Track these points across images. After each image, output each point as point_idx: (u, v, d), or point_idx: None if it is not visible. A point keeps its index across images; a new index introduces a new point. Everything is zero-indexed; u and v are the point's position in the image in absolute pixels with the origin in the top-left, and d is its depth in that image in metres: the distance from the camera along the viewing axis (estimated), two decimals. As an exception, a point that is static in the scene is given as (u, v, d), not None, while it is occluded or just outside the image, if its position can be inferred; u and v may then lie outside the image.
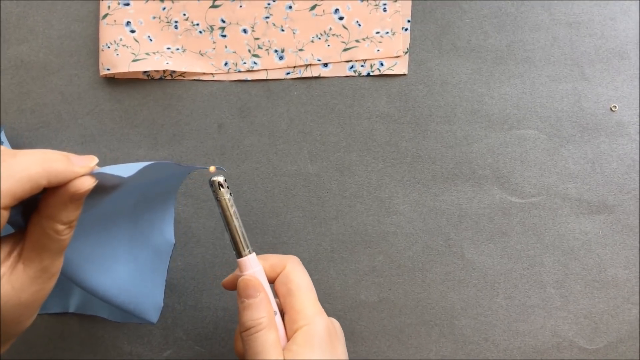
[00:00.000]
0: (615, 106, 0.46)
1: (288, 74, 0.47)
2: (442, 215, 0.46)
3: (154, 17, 0.47)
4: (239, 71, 0.47)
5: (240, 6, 0.47)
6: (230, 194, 0.34)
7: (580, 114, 0.46)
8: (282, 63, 0.47)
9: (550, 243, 0.45)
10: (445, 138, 0.46)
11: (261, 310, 0.33)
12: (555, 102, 0.46)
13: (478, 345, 0.45)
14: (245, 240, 0.35)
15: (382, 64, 0.46)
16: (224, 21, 0.47)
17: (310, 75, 0.47)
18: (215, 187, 0.34)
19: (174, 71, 0.47)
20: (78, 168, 0.29)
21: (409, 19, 0.47)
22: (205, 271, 0.46)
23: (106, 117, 0.47)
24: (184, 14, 0.47)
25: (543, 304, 0.45)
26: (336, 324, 0.37)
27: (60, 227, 0.28)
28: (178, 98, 0.47)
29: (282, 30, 0.47)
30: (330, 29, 0.46)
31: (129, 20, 0.47)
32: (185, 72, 0.47)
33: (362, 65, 0.47)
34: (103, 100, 0.47)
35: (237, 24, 0.47)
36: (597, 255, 0.45)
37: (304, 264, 0.46)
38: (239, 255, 0.35)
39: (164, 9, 0.47)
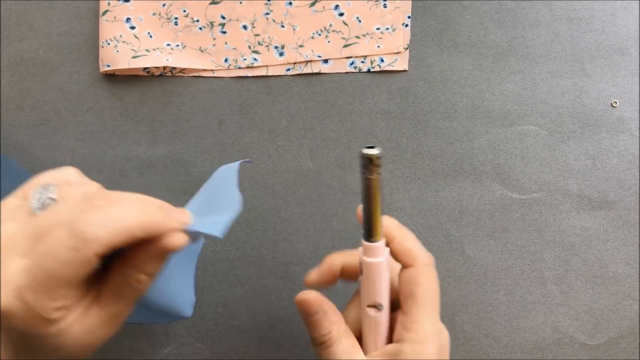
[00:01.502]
0: (616, 102, 0.46)
1: (288, 70, 0.47)
2: (443, 211, 0.46)
3: (154, 14, 0.47)
4: (239, 67, 0.47)
5: (240, 2, 0.47)
6: (380, 173, 0.30)
7: (581, 110, 0.46)
8: (282, 59, 0.47)
9: (551, 239, 0.45)
10: (446, 134, 0.46)
11: (325, 327, 0.32)
12: (555, 98, 0.46)
13: (479, 342, 0.45)
14: (380, 227, 0.31)
15: (382, 60, 0.46)
16: (224, 17, 0.47)
17: (311, 72, 0.47)
18: (373, 162, 0.29)
19: (174, 68, 0.47)
20: (174, 223, 0.28)
21: (409, 15, 0.46)
22: (206, 268, 0.46)
23: (106, 113, 0.47)
24: (184, 11, 0.47)
25: (544, 300, 0.45)
26: (445, 339, 0.33)
27: (144, 277, 0.28)
28: (178, 95, 0.47)
29: (282, 26, 0.47)
30: (331, 25, 0.46)
31: (129, 16, 0.47)
32: (185, 69, 0.47)
33: (362, 62, 0.47)
34: (103, 97, 0.47)
35: (237, 20, 0.47)
36: (597, 251, 0.45)
37: (304, 261, 0.46)
38: (370, 239, 0.31)
39: (164, 5, 0.47)
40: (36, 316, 0.26)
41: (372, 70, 0.46)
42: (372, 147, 0.29)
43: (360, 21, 0.46)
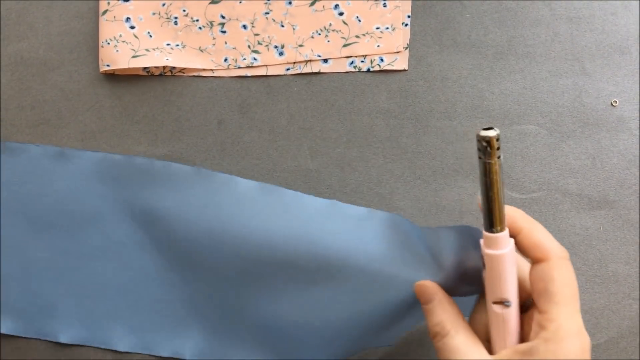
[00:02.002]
0: (616, 101, 0.46)
1: (288, 69, 0.47)
2: (443, 211, 0.46)
3: (154, 13, 0.47)
4: (239, 67, 0.47)
5: (240, 2, 0.47)
6: (500, 156, 0.28)
7: (581, 109, 0.46)
8: (282, 59, 0.47)
9: (551, 238, 0.45)
10: (446, 134, 0.46)
11: (437, 315, 0.31)
12: (555, 98, 0.46)
13: (479, 341, 0.45)
14: (503, 215, 0.29)
15: (382, 60, 0.46)
16: (223, 17, 0.47)
17: (310, 71, 0.47)
18: (492, 145, 0.27)
19: (173, 67, 0.47)
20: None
21: (409, 14, 0.46)
22: (206, 267, 0.46)
23: (106, 113, 0.47)
24: (184, 10, 0.47)
25: (544, 299, 0.45)
26: (588, 342, 0.30)
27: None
28: (178, 94, 0.47)
29: (282, 26, 0.47)
30: (330, 24, 0.46)
31: (129, 16, 0.47)
32: (185, 68, 0.47)
33: (362, 61, 0.47)
34: (103, 97, 0.47)
35: (237, 19, 0.47)
36: (597, 251, 0.45)
37: (304, 260, 0.46)
38: (492, 229, 0.29)
39: (164, 5, 0.47)
40: None
41: (371, 69, 0.47)
42: (489, 129, 0.27)
43: (360, 21, 0.46)
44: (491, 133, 0.27)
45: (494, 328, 0.31)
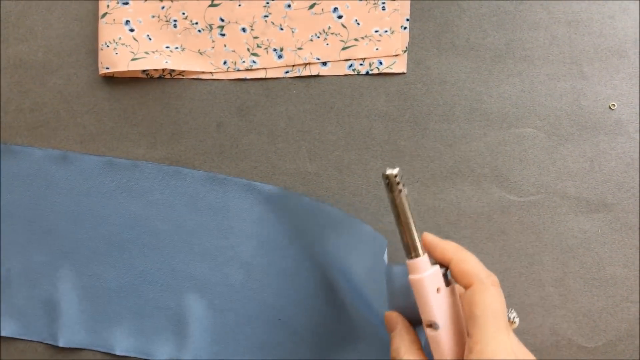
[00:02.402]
0: (614, 105, 0.46)
1: (287, 72, 0.47)
2: (441, 213, 0.46)
3: (153, 16, 0.47)
4: (238, 70, 0.47)
5: (239, 5, 0.47)
6: (404, 190, 0.31)
7: (579, 113, 0.46)
8: (281, 62, 0.47)
9: (549, 241, 0.45)
10: (444, 137, 0.46)
11: (395, 342, 0.34)
12: (554, 101, 0.46)
13: (477, 344, 0.45)
14: (417, 241, 0.31)
15: (381, 63, 0.47)
16: (222, 20, 0.47)
17: (309, 74, 0.47)
18: (391, 181, 0.30)
19: (173, 70, 0.47)
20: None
21: (408, 17, 0.47)
22: (205, 270, 0.46)
23: (105, 116, 0.47)
24: (183, 13, 0.47)
25: (542, 302, 0.45)
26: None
27: None
28: (177, 97, 0.47)
29: (281, 29, 0.47)
30: (329, 27, 0.47)
31: (128, 19, 0.47)
32: (184, 71, 0.47)
33: (361, 64, 0.47)
34: (102, 99, 0.48)
35: (236, 22, 0.47)
36: (596, 254, 0.45)
37: (303, 263, 0.46)
38: (411, 256, 0.32)
39: (163, 8, 0.47)
40: None
41: (370, 72, 0.47)
42: (392, 167, 0.31)
43: (358, 24, 0.46)
44: (391, 171, 0.30)
45: (432, 350, 0.32)
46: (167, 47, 0.47)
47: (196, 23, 0.47)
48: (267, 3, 0.47)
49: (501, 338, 0.30)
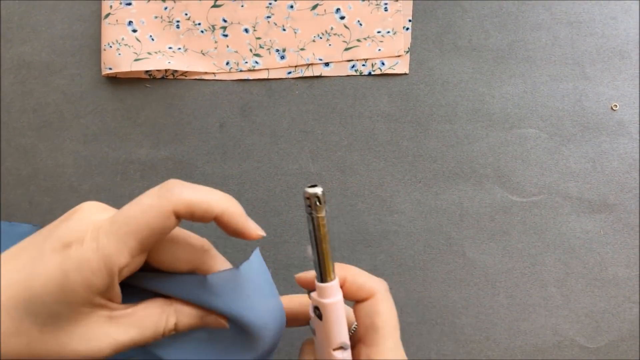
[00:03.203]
0: (616, 105, 0.46)
1: (289, 73, 0.47)
2: (443, 214, 0.46)
3: (156, 17, 0.47)
4: (241, 70, 0.47)
5: (242, 6, 0.47)
6: (326, 210, 0.29)
7: (581, 113, 0.46)
8: (283, 62, 0.47)
9: (551, 242, 0.45)
10: (447, 137, 0.46)
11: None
12: (556, 101, 0.46)
13: (479, 344, 0.45)
14: (332, 265, 0.30)
15: (383, 64, 0.47)
16: (225, 21, 0.47)
17: (312, 75, 0.47)
18: (312, 201, 0.28)
19: (175, 71, 0.47)
20: (251, 223, 0.30)
21: (410, 18, 0.47)
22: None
23: (108, 116, 0.48)
24: (186, 14, 0.47)
25: (544, 302, 0.45)
26: None
27: (171, 326, 0.30)
28: (180, 97, 0.47)
29: (284, 29, 0.47)
30: (332, 28, 0.47)
31: (131, 19, 0.47)
32: (187, 72, 0.47)
33: (363, 65, 0.47)
34: (105, 100, 0.48)
35: (239, 23, 0.47)
36: (598, 254, 0.45)
37: (305, 263, 0.46)
38: (323, 280, 0.30)
39: (166, 8, 0.47)
40: (105, 261, 0.26)
41: (373, 73, 0.47)
42: (314, 186, 0.28)
43: (361, 24, 0.46)
44: (316, 190, 0.28)
45: None
46: (170, 48, 0.47)
47: (199, 24, 0.47)
48: (270, 4, 0.47)
49: (399, 346, 0.32)
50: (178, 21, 0.47)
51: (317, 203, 0.28)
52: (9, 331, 0.27)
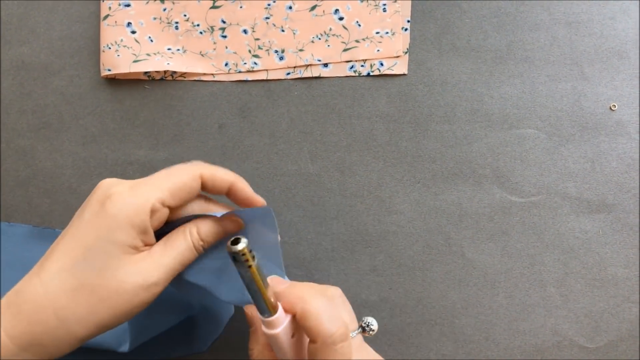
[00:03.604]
0: (614, 105, 0.46)
1: (288, 74, 0.47)
2: (443, 214, 0.46)
3: (155, 18, 0.47)
4: (240, 71, 0.47)
5: (241, 7, 0.47)
6: (254, 256, 0.29)
7: (579, 113, 0.46)
8: (282, 63, 0.47)
9: (551, 242, 0.45)
10: (445, 137, 0.46)
11: (251, 341, 0.36)
12: (554, 102, 0.46)
13: (479, 344, 0.45)
14: (270, 300, 0.31)
15: (382, 64, 0.47)
16: (224, 22, 0.47)
17: (311, 76, 0.47)
18: (238, 258, 0.28)
19: (174, 72, 0.47)
20: (256, 195, 0.37)
21: (409, 19, 0.47)
22: (207, 271, 0.46)
23: (107, 117, 0.48)
24: (185, 15, 0.47)
25: (543, 302, 0.45)
26: (334, 292, 0.37)
27: (196, 235, 0.34)
28: (179, 98, 0.47)
29: (283, 30, 0.47)
30: (330, 29, 0.47)
31: (130, 21, 0.47)
32: (186, 73, 0.47)
33: (362, 65, 0.47)
34: (104, 101, 0.48)
35: (238, 24, 0.47)
36: (597, 254, 0.45)
37: (304, 264, 0.46)
38: (265, 314, 0.32)
39: (165, 9, 0.47)
40: (140, 211, 0.31)
41: (371, 74, 0.47)
42: (237, 240, 0.28)
43: (359, 25, 0.46)
44: (240, 247, 0.28)
45: None
46: (169, 49, 0.47)
47: (198, 25, 0.47)
48: (269, 5, 0.47)
49: (311, 287, 0.34)
50: (177, 22, 0.47)
51: (241, 260, 0.28)
52: (72, 286, 0.30)
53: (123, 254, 0.31)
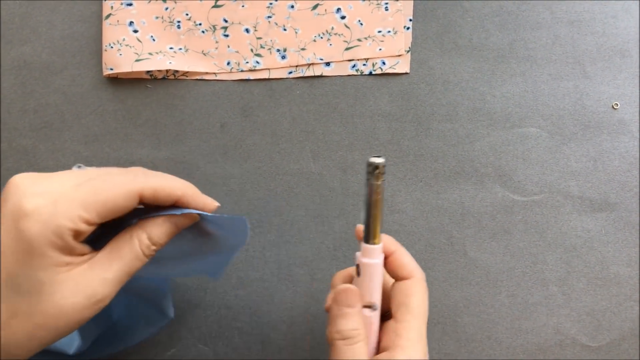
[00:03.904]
0: (617, 104, 0.46)
1: (290, 73, 0.47)
2: (445, 213, 0.46)
3: (157, 17, 0.47)
4: (242, 71, 0.47)
5: (243, 6, 0.47)
6: (384, 180, 0.32)
7: (582, 112, 0.46)
8: (284, 62, 0.47)
9: (553, 241, 0.45)
10: (448, 136, 0.46)
11: (358, 322, 0.33)
12: (557, 100, 0.46)
13: (481, 343, 0.45)
14: (380, 229, 0.33)
15: (384, 63, 0.47)
16: (226, 21, 0.47)
17: (313, 75, 0.47)
18: (377, 170, 0.32)
19: (176, 71, 0.47)
20: (207, 199, 0.32)
21: (411, 17, 0.47)
22: (209, 270, 0.46)
23: (109, 117, 0.48)
24: (187, 14, 0.47)
25: (545, 301, 0.45)
26: (426, 350, 0.35)
27: (146, 241, 0.30)
28: (181, 98, 0.47)
29: (285, 29, 0.47)
30: (332, 28, 0.47)
31: (132, 20, 0.47)
32: (187, 72, 0.47)
33: (364, 64, 0.47)
34: (106, 100, 0.48)
35: (240, 23, 0.47)
36: (599, 253, 0.45)
37: (306, 263, 0.46)
38: (367, 241, 0.33)
39: (167, 9, 0.47)
40: (56, 229, 0.27)
41: (373, 73, 0.47)
42: (378, 156, 0.32)
43: (361, 24, 0.46)
44: (379, 160, 0.32)
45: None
46: (171, 48, 0.47)
47: (200, 24, 0.47)
48: (271, 4, 0.47)
49: (424, 329, 0.34)
50: (179, 21, 0.47)
51: (377, 173, 0.32)
52: (6, 316, 0.27)
53: (54, 275, 0.28)
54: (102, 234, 0.31)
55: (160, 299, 0.43)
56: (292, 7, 0.47)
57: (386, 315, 0.35)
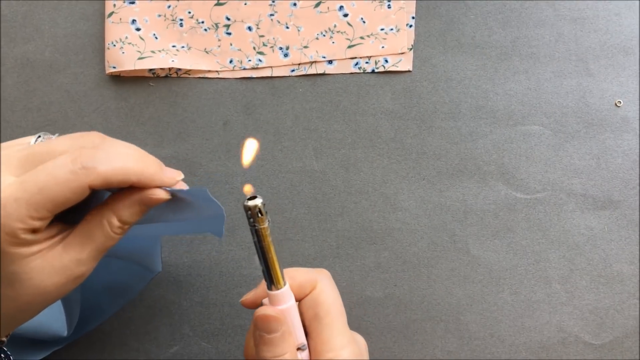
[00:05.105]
0: (620, 102, 0.46)
1: (293, 71, 0.47)
2: (447, 211, 0.46)
3: (159, 15, 0.47)
4: (244, 69, 0.47)
5: (245, 4, 0.47)
6: (269, 220, 0.29)
7: (585, 110, 0.46)
8: (287, 60, 0.47)
9: (556, 238, 0.45)
10: (450, 134, 0.46)
11: (284, 347, 0.31)
12: (560, 98, 0.46)
13: (484, 341, 0.45)
14: (281, 271, 0.31)
15: (386, 61, 0.47)
16: (228, 19, 0.47)
17: (315, 72, 0.47)
18: (253, 213, 0.29)
19: (179, 69, 0.47)
20: (166, 178, 0.30)
21: (414, 15, 0.47)
22: (212, 268, 0.46)
23: (112, 114, 0.48)
24: (189, 12, 0.47)
25: (548, 299, 0.45)
26: (362, 345, 0.34)
27: (117, 223, 0.29)
28: (183, 96, 0.47)
29: (287, 27, 0.47)
30: (335, 26, 0.47)
31: (135, 18, 0.47)
32: (190, 70, 0.47)
33: (366, 62, 0.47)
34: (109, 98, 0.48)
35: (242, 21, 0.47)
36: (602, 251, 0.45)
37: (309, 261, 0.46)
38: (272, 287, 0.31)
39: (169, 7, 0.47)
40: (9, 231, 0.26)
41: (376, 70, 0.47)
42: (253, 198, 0.29)
43: (364, 22, 0.46)
44: (257, 202, 0.28)
45: None
46: (174, 46, 0.47)
47: (202, 22, 0.47)
48: (273, 2, 0.47)
49: (346, 330, 0.32)
50: (181, 19, 0.47)
51: (259, 215, 0.29)
52: None
53: (27, 264, 0.27)
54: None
55: (149, 257, 0.42)
56: (295, 4, 0.47)
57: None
